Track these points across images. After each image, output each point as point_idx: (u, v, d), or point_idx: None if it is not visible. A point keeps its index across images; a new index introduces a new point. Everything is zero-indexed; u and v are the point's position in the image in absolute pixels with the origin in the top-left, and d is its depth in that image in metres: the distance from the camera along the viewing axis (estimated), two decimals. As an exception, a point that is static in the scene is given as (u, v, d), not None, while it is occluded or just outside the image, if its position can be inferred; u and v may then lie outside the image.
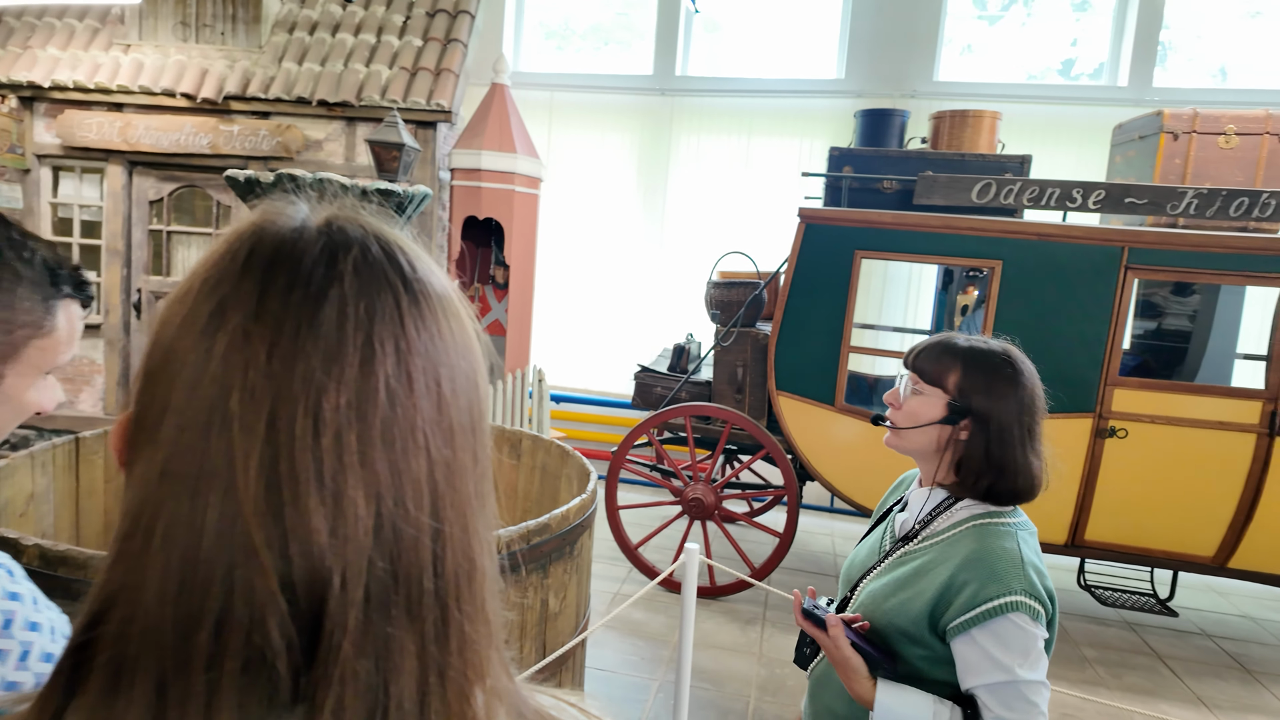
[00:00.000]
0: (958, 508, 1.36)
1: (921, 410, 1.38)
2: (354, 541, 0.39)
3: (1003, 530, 1.30)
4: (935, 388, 1.37)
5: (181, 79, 5.34)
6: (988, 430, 1.31)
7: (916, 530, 1.40)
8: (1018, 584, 1.23)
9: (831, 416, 4.12)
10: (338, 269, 0.41)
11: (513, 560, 2.23)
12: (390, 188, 2.48)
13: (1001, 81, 5.91)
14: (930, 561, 1.33)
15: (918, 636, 1.31)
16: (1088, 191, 3.69)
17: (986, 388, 1.32)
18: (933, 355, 1.38)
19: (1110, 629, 4.30)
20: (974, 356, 1.35)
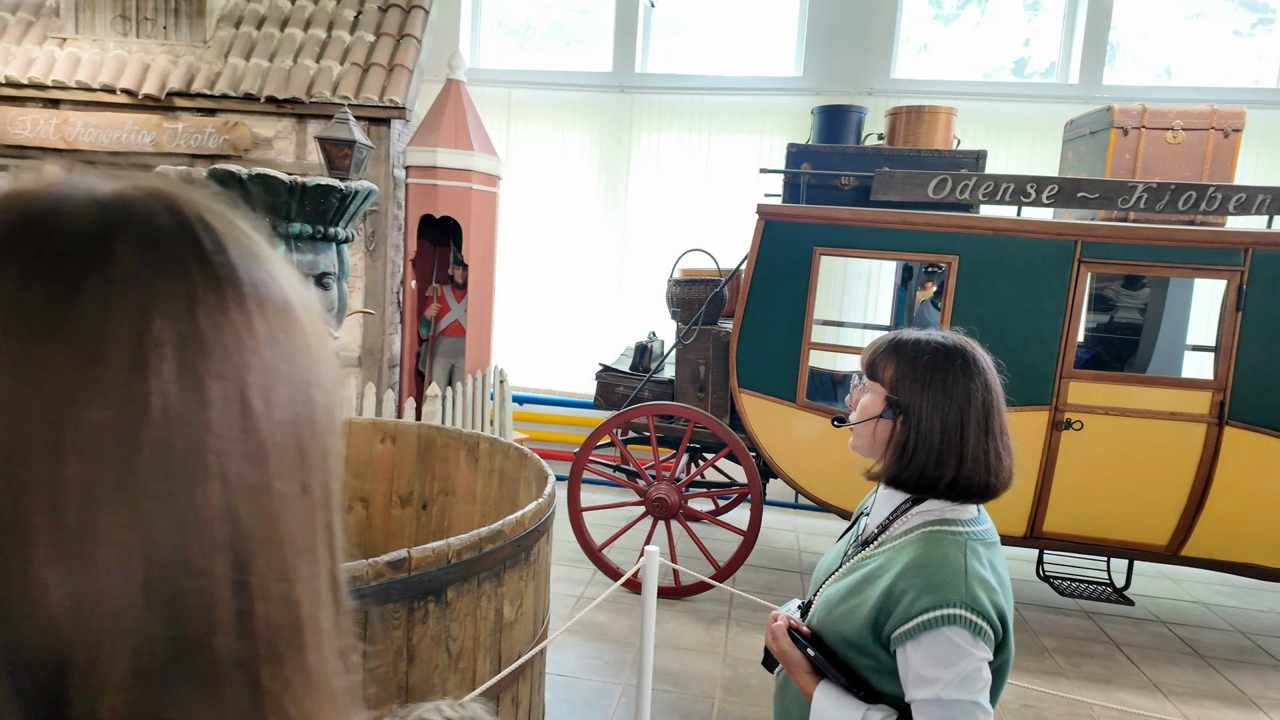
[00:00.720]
0: (915, 512, 1.32)
1: (866, 406, 1.36)
2: (110, 602, 0.30)
3: (950, 538, 1.25)
4: (875, 383, 1.35)
5: (122, 74, 5.15)
6: (917, 422, 1.28)
7: (876, 534, 1.37)
8: (956, 596, 1.18)
9: (793, 413, 4.11)
10: (107, 248, 0.32)
11: (464, 569, 2.17)
12: (331, 183, 2.38)
13: (957, 79, 5.96)
14: (878, 568, 1.29)
15: (863, 646, 1.27)
16: (1041, 186, 3.73)
17: (916, 379, 1.29)
18: (876, 351, 1.37)
19: (1069, 618, 4.36)
20: (910, 349, 1.32)
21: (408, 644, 2.09)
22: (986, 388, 1.30)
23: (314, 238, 2.50)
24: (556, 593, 4.26)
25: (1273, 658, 4.06)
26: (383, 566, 1.99)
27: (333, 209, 2.48)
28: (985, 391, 1.29)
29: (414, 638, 2.10)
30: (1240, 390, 3.66)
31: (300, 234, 2.45)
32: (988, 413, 1.28)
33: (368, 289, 5.33)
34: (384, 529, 3.75)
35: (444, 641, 2.17)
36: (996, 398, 1.31)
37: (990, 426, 1.28)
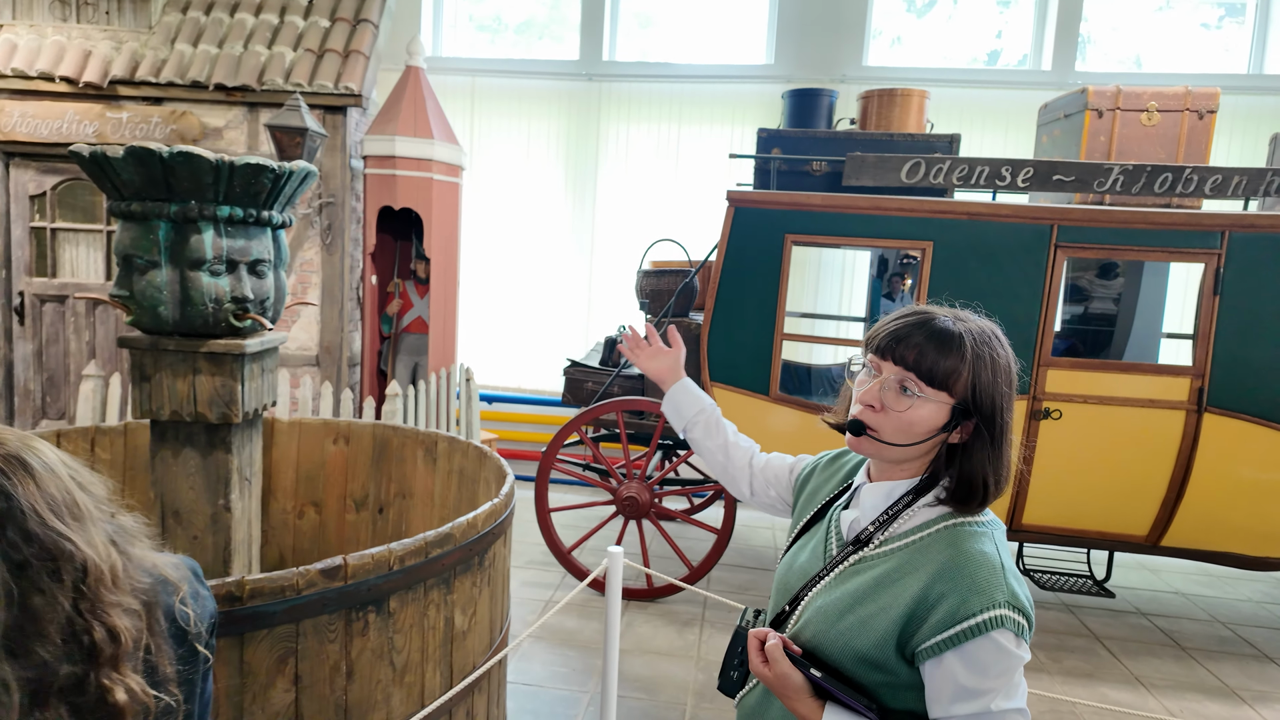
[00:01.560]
0: (920, 505, 1.16)
1: (920, 419, 1.14)
2: None
3: (979, 531, 1.11)
4: (940, 391, 1.13)
5: (61, 61, 4.90)
6: (993, 434, 1.12)
7: (873, 532, 1.19)
8: (1001, 595, 1.04)
9: (767, 407, 3.98)
10: None
11: (409, 576, 2.00)
12: (262, 162, 2.20)
13: (930, 66, 5.88)
14: (894, 570, 1.12)
15: (881, 661, 1.11)
16: (1016, 170, 3.63)
17: (995, 386, 1.13)
18: (934, 350, 1.13)
19: (1049, 612, 4.27)
20: (980, 350, 1.14)
21: (346, 658, 1.92)
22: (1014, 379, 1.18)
23: (246, 222, 2.31)
24: (524, 598, 4.09)
25: (1253, 647, 4.00)
26: (315, 575, 1.82)
27: (265, 191, 2.29)
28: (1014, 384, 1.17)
29: (353, 651, 1.93)
30: (1219, 376, 3.59)
31: (230, 218, 2.26)
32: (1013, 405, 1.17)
33: (325, 284, 5.12)
34: (338, 534, 3.56)
35: (387, 655, 2.01)
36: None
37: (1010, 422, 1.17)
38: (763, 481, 1.56)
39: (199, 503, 2.44)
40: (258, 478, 2.64)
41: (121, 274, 2.27)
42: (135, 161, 2.14)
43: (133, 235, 2.24)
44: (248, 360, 2.40)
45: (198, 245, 2.23)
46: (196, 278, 2.25)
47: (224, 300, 2.29)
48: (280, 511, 3.57)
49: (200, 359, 2.34)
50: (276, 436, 3.55)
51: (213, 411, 2.36)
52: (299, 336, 5.20)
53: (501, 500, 2.43)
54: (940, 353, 1.12)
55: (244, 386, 2.40)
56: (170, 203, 2.21)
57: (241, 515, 2.54)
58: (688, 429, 1.63)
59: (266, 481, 3.55)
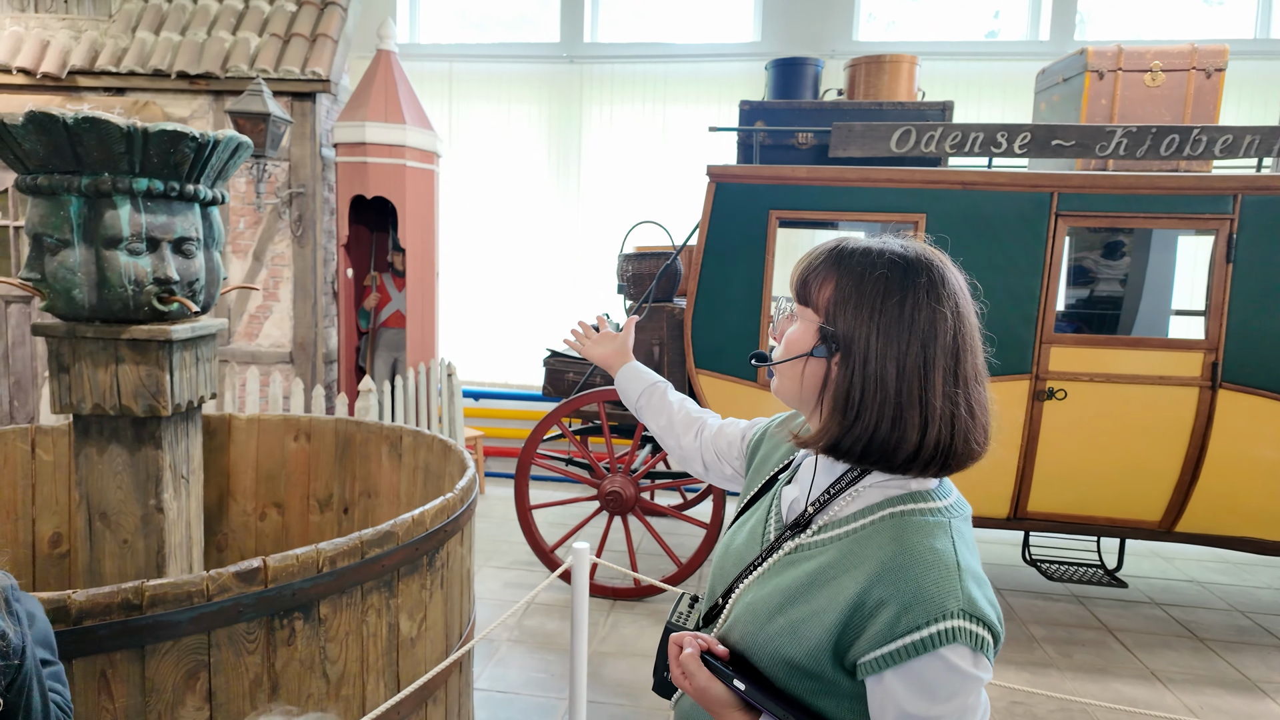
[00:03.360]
0: (866, 484, 0.96)
1: (793, 340, 1.00)
2: None
3: (931, 522, 0.91)
4: (806, 308, 0.98)
5: (18, 52, 4.73)
6: (863, 364, 0.92)
7: (811, 515, 0.99)
8: (954, 602, 0.84)
9: (755, 394, 3.77)
10: None
11: (341, 579, 1.81)
12: (181, 130, 2.01)
13: (923, 39, 5.66)
14: (831, 566, 0.93)
15: (816, 672, 0.92)
16: (1013, 135, 3.41)
17: (863, 303, 0.93)
18: (810, 265, 0.99)
19: (1057, 604, 4.06)
20: (856, 261, 0.95)
21: (269, 670, 1.73)
22: (958, 317, 0.95)
23: (167, 196, 2.11)
24: (506, 599, 3.90)
25: (1274, 637, 3.78)
26: (228, 579, 1.62)
27: (187, 162, 2.10)
28: (957, 322, 0.94)
29: (276, 663, 1.74)
30: (1233, 350, 3.37)
31: (150, 191, 2.07)
32: (958, 352, 0.93)
33: (297, 278, 4.94)
34: (302, 536, 3.37)
35: (318, 665, 1.81)
36: (970, 332, 0.96)
37: (961, 371, 0.93)
38: (713, 454, 1.38)
39: (128, 503, 2.25)
40: (197, 476, 2.45)
41: (32, 255, 2.09)
42: (37, 129, 1.95)
43: (42, 212, 2.06)
44: (176, 348, 2.21)
45: (113, 221, 2.04)
46: (113, 257, 2.06)
47: (145, 282, 2.10)
48: (241, 513, 3.38)
49: (122, 347, 2.15)
50: (234, 434, 3.36)
51: (138, 404, 2.17)
52: (272, 333, 5.02)
53: (456, 495, 2.24)
54: (815, 268, 0.99)
55: (173, 376, 2.21)
56: (80, 175, 2.02)
57: (178, 516, 2.35)
58: (638, 412, 1.52)
59: (225, 482, 3.36)
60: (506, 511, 5.14)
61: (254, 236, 4.93)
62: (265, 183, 4.78)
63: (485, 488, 5.69)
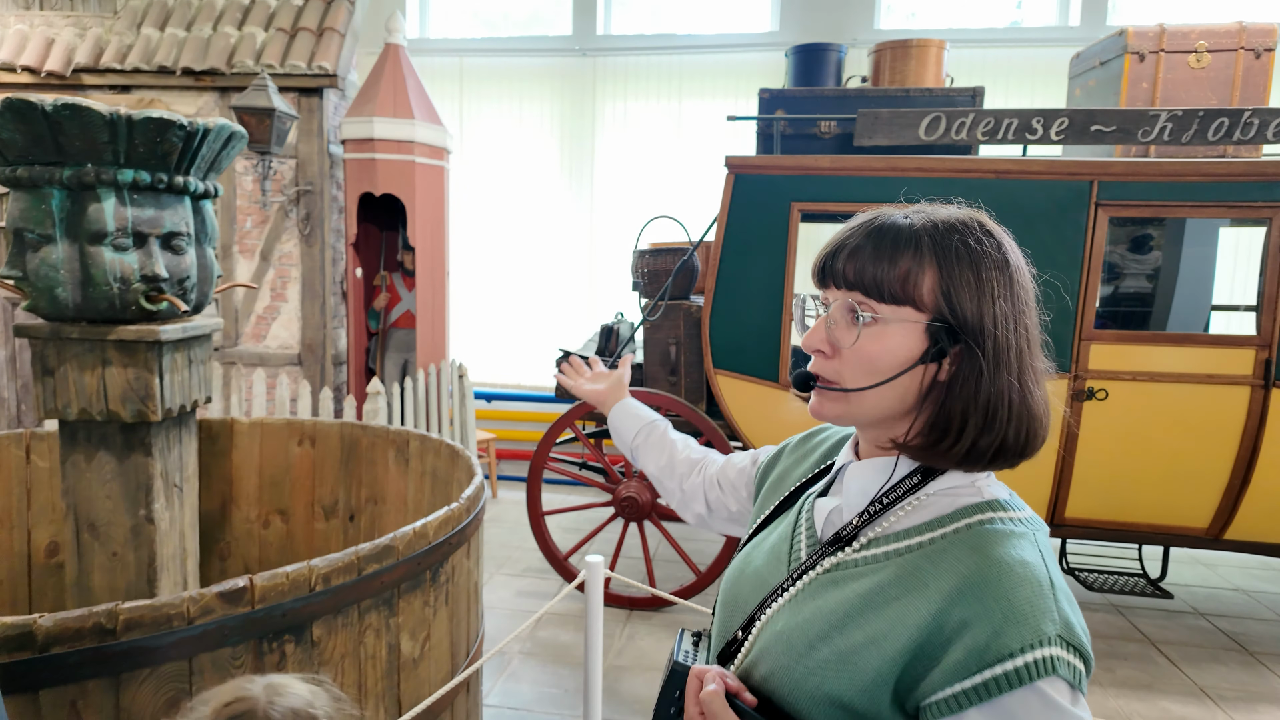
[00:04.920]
0: (930, 491, 0.82)
1: (883, 350, 0.81)
2: None
3: (1015, 532, 0.77)
4: (903, 306, 0.80)
5: (23, 51, 4.65)
6: (984, 353, 0.78)
7: (858, 528, 0.84)
8: (1052, 626, 0.70)
9: (776, 395, 3.61)
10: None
11: (335, 598, 1.67)
12: (168, 117, 1.88)
13: (948, 27, 5.47)
14: (890, 584, 0.78)
15: (870, 714, 0.76)
16: (1049, 121, 3.23)
17: (979, 284, 0.79)
18: (880, 252, 0.81)
19: (1096, 614, 3.86)
20: (948, 240, 0.80)
21: (257, 700, 1.59)
22: (1026, 279, 0.83)
23: (155, 188, 1.99)
24: (518, 609, 3.76)
25: (1330, 650, 3.57)
26: (211, 599, 1.49)
27: (176, 152, 1.98)
28: (1027, 286, 0.83)
29: (266, 691, 1.60)
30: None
31: (136, 183, 1.95)
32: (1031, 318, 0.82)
33: (304, 278, 4.83)
34: (307, 545, 3.25)
35: (312, 692, 1.68)
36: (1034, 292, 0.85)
37: (1034, 343, 0.82)
38: (718, 488, 1.22)
39: (117, 514, 2.13)
40: (191, 484, 2.33)
41: (14, 251, 1.97)
42: (15, 117, 1.83)
43: (22, 206, 1.94)
44: (166, 349, 2.08)
45: (97, 215, 1.93)
46: (98, 253, 1.94)
47: (132, 279, 1.98)
48: (244, 521, 3.27)
49: (109, 348, 2.03)
50: (237, 438, 3.25)
51: (126, 409, 2.05)
52: (279, 334, 4.92)
53: (461, 505, 2.10)
54: (886, 255, 0.80)
55: (163, 379, 2.09)
56: (62, 166, 1.90)
57: (170, 527, 2.23)
58: (634, 454, 1.39)
59: (228, 488, 3.25)
60: (520, 516, 5.00)
61: (261, 235, 4.83)
62: (271, 180, 4.67)
63: (498, 491, 5.56)
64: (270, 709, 1.02)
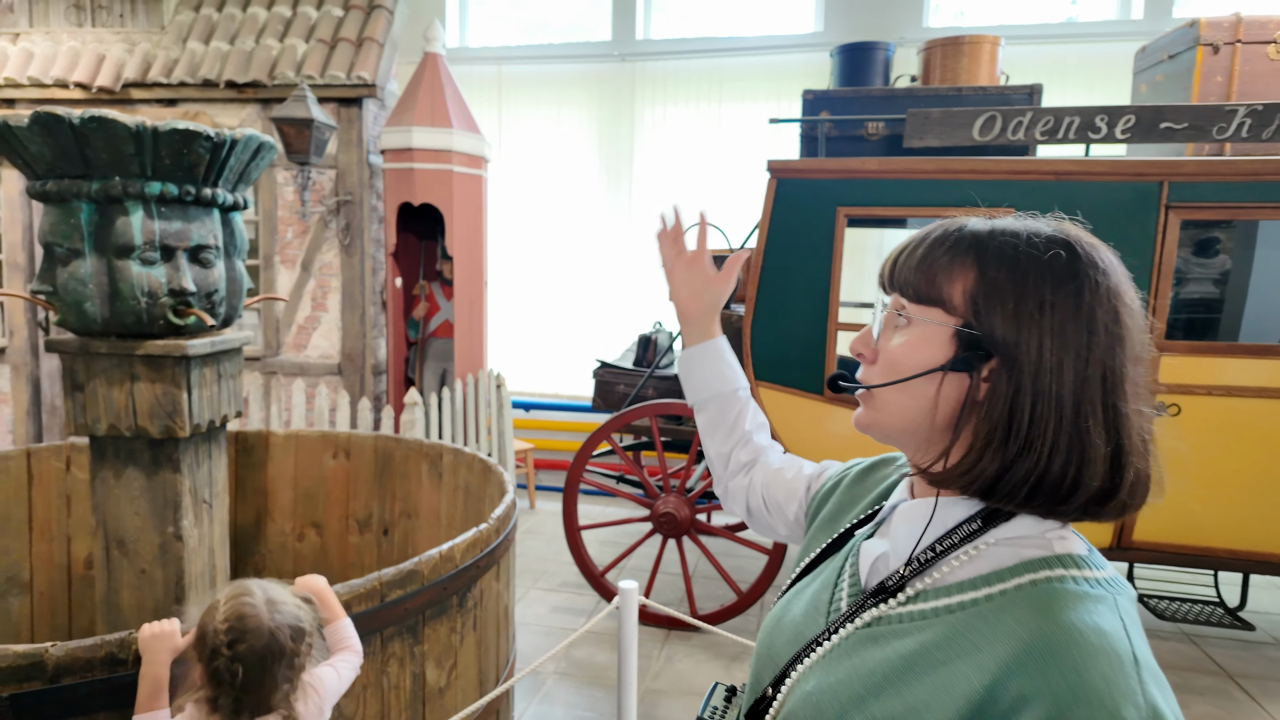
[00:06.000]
0: (990, 540, 0.71)
1: (908, 352, 0.73)
2: None
3: (1091, 594, 0.65)
4: (931, 307, 0.72)
5: (75, 67, 4.76)
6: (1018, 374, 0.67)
7: (904, 578, 0.74)
8: (1132, 710, 0.57)
9: (822, 408, 3.47)
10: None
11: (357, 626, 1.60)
12: (193, 128, 1.85)
13: (1001, 24, 5.26)
14: (938, 646, 0.67)
15: None
16: (1114, 118, 3.04)
17: (1020, 293, 0.68)
18: (927, 253, 0.73)
19: (1166, 643, 3.62)
20: (997, 242, 0.70)
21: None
22: (1119, 307, 0.69)
23: (182, 201, 1.96)
24: (553, 626, 3.68)
25: None
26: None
27: (203, 163, 1.94)
28: (1120, 314, 0.69)
29: None
30: (1383, 358, 2.92)
31: (163, 196, 1.92)
32: (1124, 352, 0.69)
33: (345, 288, 4.84)
34: (341, 558, 3.22)
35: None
36: (1140, 326, 0.71)
37: (1129, 380, 0.69)
38: (761, 501, 1.09)
39: (145, 531, 2.10)
40: (221, 500, 2.29)
41: (45, 266, 1.96)
42: (43, 130, 1.81)
43: (52, 220, 1.92)
44: (194, 364, 2.05)
45: (124, 229, 1.90)
46: (125, 267, 1.91)
47: (159, 293, 1.94)
48: (279, 534, 3.25)
49: (137, 363, 2.00)
50: (272, 451, 3.23)
51: (154, 424, 2.02)
52: (320, 344, 4.93)
53: (490, 526, 2.02)
54: (939, 252, 0.73)
55: (191, 395, 2.05)
56: (90, 180, 1.88)
57: (199, 544, 2.20)
58: (698, 410, 1.14)
59: (263, 501, 3.23)
60: (557, 528, 4.93)
61: (301, 246, 4.85)
62: (311, 191, 4.69)
63: (535, 502, 5.50)
64: (271, 620, 1.28)
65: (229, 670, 1.25)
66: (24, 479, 2.78)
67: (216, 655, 1.26)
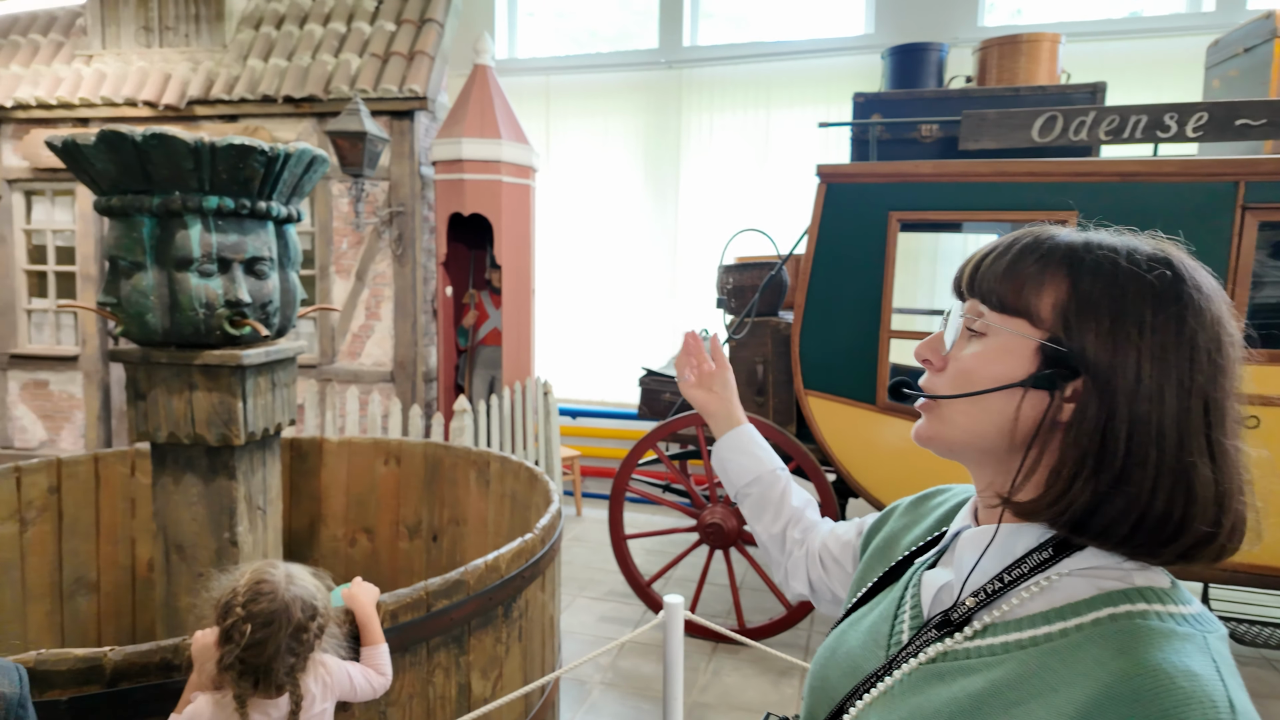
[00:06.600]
0: (1063, 569, 0.66)
1: (983, 362, 0.69)
2: None
3: (1178, 632, 0.60)
4: (1015, 318, 0.68)
5: (144, 86, 4.96)
6: (1122, 400, 0.62)
7: (970, 610, 0.69)
8: None
9: (874, 418, 3.39)
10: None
11: (403, 635, 1.60)
12: (249, 143, 1.89)
13: (1060, 21, 5.09)
14: (1009, 685, 0.63)
15: None
16: (1185, 116, 2.90)
17: (1121, 313, 0.63)
18: (1015, 261, 0.68)
19: (1244, 668, 3.42)
20: (1094, 255, 0.66)
21: (321, 741, 1.54)
22: (1221, 333, 0.65)
23: (238, 214, 2.01)
24: (599, 635, 3.66)
25: None
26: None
27: (258, 177, 1.99)
28: (1221, 341, 0.65)
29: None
30: None
31: (220, 210, 1.97)
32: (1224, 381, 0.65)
33: (397, 296, 4.92)
34: (391, 564, 3.26)
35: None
36: (1238, 354, 0.67)
37: (1227, 412, 0.65)
38: (820, 572, 1.04)
39: (202, 536, 2.15)
40: (275, 507, 2.34)
41: (109, 278, 2.03)
42: (108, 148, 1.88)
43: (117, 234, 1.99)
44: (249, 373, 2.09)
45: (183, 242, 1.95)
46: (184, 279, 1.97)
47: (216, 305, 1.99)
48: (331, 539, 3.30)
49: (195, 373, 2.05)
50: (326, 457, 3.29)
51: (211, 432, 2.07)
52: (373, 352, 5.03)
53: (536, 536, 2.01)
54: (1015, 259, 0.69)
55: (246, 403, 2.10)
56: (152, 195, 1.94)
57: (253, 549, 2.24)
58: (742, 504, 1.14)
59: (316, 506, 3.29)
60: (603, 536, 4.92)
61: (356, 256, 4.96)
62: (365, 202, 4.79)
63: (582, 509, 5.50)
64: (287, 591, 1.34)
65: (239, 629, 1.29)
66: (91, 483, 2.89)
67: (230, 612, 1.31)
